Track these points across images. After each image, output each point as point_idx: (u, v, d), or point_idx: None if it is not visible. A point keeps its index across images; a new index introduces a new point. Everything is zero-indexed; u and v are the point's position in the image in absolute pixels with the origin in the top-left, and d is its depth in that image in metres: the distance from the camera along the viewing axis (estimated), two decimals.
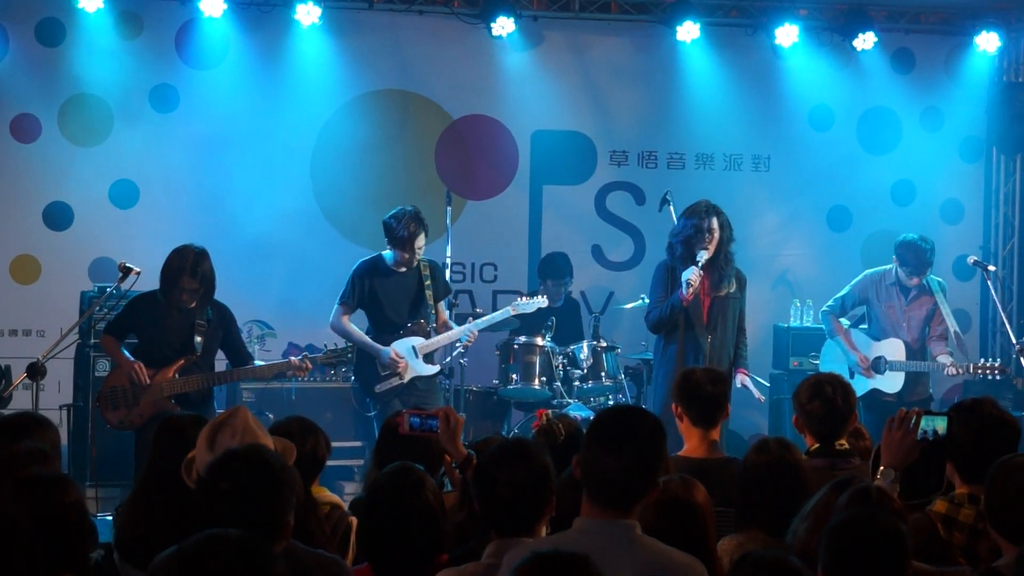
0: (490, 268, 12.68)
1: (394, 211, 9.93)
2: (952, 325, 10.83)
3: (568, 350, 11.02)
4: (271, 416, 9.95)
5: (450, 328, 10.19)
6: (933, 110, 13.27)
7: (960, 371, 10.66)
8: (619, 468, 4.21)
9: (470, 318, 10.42)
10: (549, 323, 10.98)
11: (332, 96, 12.27)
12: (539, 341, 10.87)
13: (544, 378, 10.86)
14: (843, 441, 5.89)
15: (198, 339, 9.02)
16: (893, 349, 10.82)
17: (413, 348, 10.00)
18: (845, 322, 11.12)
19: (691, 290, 9.27)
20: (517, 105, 12.61)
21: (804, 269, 13.16)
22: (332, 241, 12.18)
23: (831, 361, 11.05)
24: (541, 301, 10.64)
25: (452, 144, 12.59)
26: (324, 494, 5.68)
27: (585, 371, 10.98)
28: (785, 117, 13.04)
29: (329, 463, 5.81)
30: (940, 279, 10.97)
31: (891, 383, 10.79)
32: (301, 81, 12.14)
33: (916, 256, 10.73)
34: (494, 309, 11.96)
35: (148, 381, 8.95)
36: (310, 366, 9.34)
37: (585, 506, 4.31)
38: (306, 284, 12.01)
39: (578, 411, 10.31)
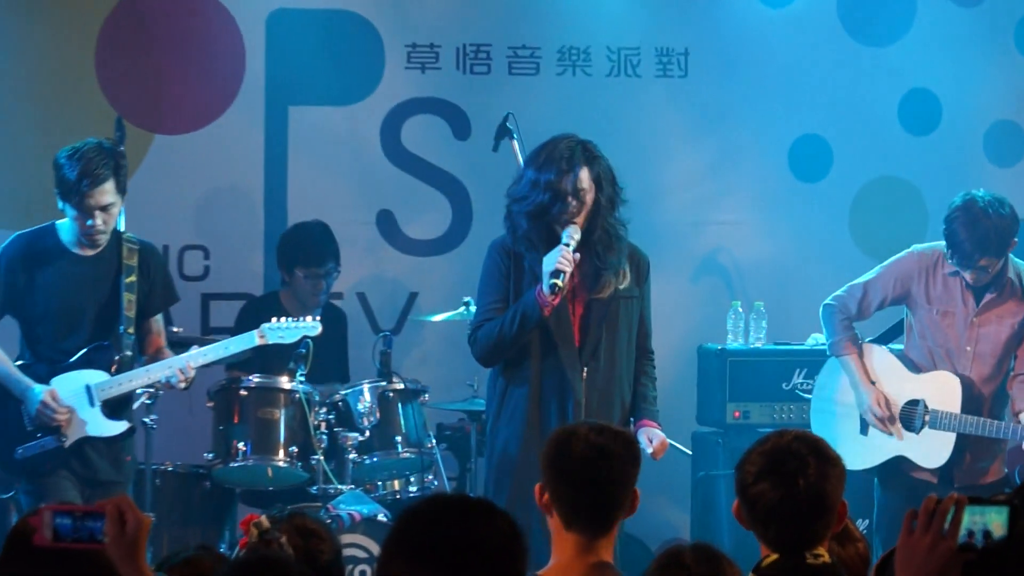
0: (196, 253, 12.36)
1: (73, 144, 9.92)
2: None
3: (336, 397, 10.75)
4: None
5: (164, 357, 10.05)
6: None
7: None
8: None
9: (193, 345, 10.28)
10: (302, 350, 10.64)
11: None
12: (284, 382, 10.66)
13: (295, 448, 10.64)
14: (821, 550, 5.61)
15: None
16: (942, 390, 10.53)
17: (87, 389, 9.88)
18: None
19: (559, 283, 9.21)
20: None
21: (751, 247, 12.81)
22: None
23: (829, 397, 10.84)
24: (310, 325, 10.59)
25: (124, 37, 12.19)
26: None
27: (366, 435, 10.83)
28: None
29: None
30: None
31: (930, 450, 10.50)
32: None
33: (972, 230, 10.21)
34: (203, 326, 12.12)
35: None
36: None
37: None
38: None
39: (355, 505, 10.30)
